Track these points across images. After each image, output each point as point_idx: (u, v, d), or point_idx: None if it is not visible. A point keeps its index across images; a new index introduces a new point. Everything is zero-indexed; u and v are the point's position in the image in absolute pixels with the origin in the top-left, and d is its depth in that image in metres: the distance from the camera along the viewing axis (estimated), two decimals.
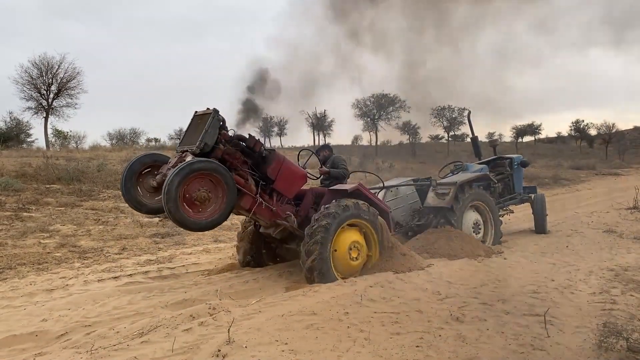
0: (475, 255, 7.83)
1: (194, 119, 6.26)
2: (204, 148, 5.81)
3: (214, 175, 5.51)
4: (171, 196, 5.17)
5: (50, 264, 7.70)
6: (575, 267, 7.25)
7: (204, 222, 5.51)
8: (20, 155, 19.29)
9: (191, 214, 5.40)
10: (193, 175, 5.36)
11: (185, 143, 6.10)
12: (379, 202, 7.15)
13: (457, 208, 8.66)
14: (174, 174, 5.23)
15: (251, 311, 5.19)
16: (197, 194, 5.44)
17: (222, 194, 5.61)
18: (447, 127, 59.70)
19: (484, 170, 10.08)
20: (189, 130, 6.26)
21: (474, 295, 5.74)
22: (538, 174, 26.10)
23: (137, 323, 4.94)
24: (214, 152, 5.95)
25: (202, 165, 5.43)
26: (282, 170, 6.57)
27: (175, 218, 5.28)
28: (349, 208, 6.54)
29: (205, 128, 5.82)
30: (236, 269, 7.51)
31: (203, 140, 5.77)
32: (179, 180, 5.23)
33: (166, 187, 5.18)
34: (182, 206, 5.31)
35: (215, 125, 5.92)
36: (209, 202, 5.55)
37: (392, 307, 5.32)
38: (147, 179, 6.29)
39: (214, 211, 5.57)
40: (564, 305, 5.38)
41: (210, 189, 5.55)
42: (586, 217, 12.74)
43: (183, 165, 5.30)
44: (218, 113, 5.96)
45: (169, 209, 5.19)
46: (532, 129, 72.29)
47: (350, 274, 6.59)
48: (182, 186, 5.28)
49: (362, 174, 17.85)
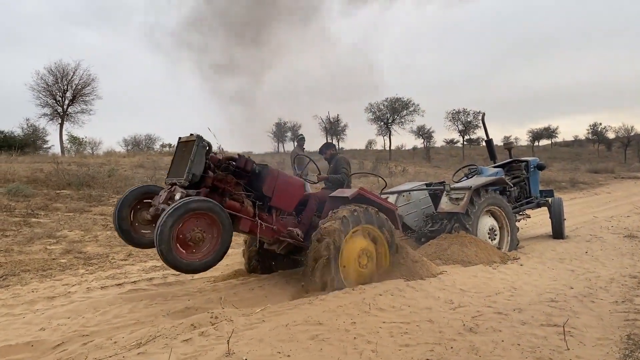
0: (490, 262, 7.56)
1: (179, 146, 6.06)
2: (193, 179, 5.62)
3: (209, 215, 5.25)
4: (164, 237, 4.90)
5: (55, 270, 7.58)
6: (595, 274, 6.94)
7: (197, 264, 5.21)
8: (33, 161, 19.36)
9: (184, 255, 5.11)
10: (188, 216, 5.11)
11: (173, 174, 5.91)
12: (383, 203, 6.88)
13: (472, 213, 8.37)
14: (168, 214, 4.96)
15: (255, 320, 4.98)
16: (191, 234, 5.15)
17: (217, 234, 5.32)
18: (462, 131, 59.12)
19: (500, 174, 9.79)
20: (175, 159, 6.05)
21: (488, 304, 5.47)
22: (555, 178, 25.62)
23: (136, 333, 4.76)
24: (204, 182, 5.77)
25: (197, 205, 5.15)
26: (277, 186, 6.31)
27: (168, 260, 4.98)
28: (356, 214, 6.33)
29: (191, 158, 5.61)
30: (242, 275, 7.32)
31: (190, 171, 5.58)
32: (173, 220, 4.96)
33: (159, 228, 4.91)
34: (176, 247, 5.03)
35: (201, 152, 5.70)
36: (203, 242, 5.26)
37: (401, 316, 5.08)
38: (141, 212, 6.13)
39: (208, 252, 5.26)
40: (584, 315, 5.09)
41: (205, 229, 5.27)
42: (606, 222, 12.36)
43: (178, 205, 5.04)
44: (202, 140, 5.72)
45: (161, 250, 4.91)
46: (548, 132, 71.52)
47: (360, 282, 6.37)
48: (176, 227, 5.02)
49: (373, 177, 17.58)
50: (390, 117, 54.25)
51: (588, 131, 69.31)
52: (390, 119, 54.29)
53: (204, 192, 5.76)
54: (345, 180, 7.40)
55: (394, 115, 54.08)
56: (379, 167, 26.00)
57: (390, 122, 54.26)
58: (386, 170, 26.72)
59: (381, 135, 57.07)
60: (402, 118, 54.37)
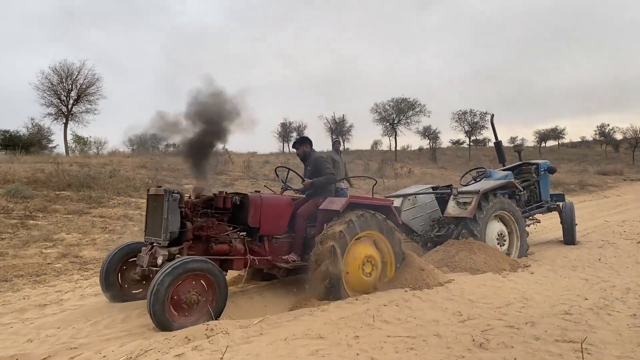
0: (499, 270, 7.27)
1: (149, 199, 5.83)
2: (171, 237, 5.42)
3: (207, 277, 5.04)
4: (159, 297, 4.68)
5: (49, 275, 7.35)
6: (610, 283, 6.64)
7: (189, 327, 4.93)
8: (35, 161, 19.18)
9: (176, 317, 4.89)
10: (186, 276, 4.90)
11: (151, 232, 5.70)
12: (375, 202, 6.58)
13: (480, 218, 8.08)
14: (166, 273, 4.75)
15: (252, 333, 4.72)
16: (187, 296, 4.93)
17: (212, 297, 5.10)
18: (468, 132, 58.61)
19: (509, 177, 9.48)
20: (149, 214, 5.83)
21: (498, 317, 5.18)
22: (563, 180, 25.22)
23: (126, 346, 4.50)
24: (184, 236, 5.57)
25: (197, 266, 4.96)
26: (263, 213, 6.06)
27: (160, 321, 4.75)
28: (363, 219, 6.07)
29: (165, 216, 5.40)
30: (243, 282, 7.07)
31: (167, 230, 5.38)
32: (170, 280, 4.75)
33: (155, 286, 4.69)
34: (169, 309, 4.81)
35: (174, 207, 5.48)
36: (198, 305, 5.03)
37: (407, 329, 4.80)
38: (128, 273, 5.98)
39: (201, 316, 5.02)
40: (601, 330, 4.79)
41: (201, 292, 5.05)
42: (617, 226, 12.04)
43: (176, 264, 4.84)
44: (172, 193, 5.49)
45: (154, 311, 4.69)
46: (555, 133, 70.89)
47: (364, 291, 6.12)
48: (173, 287, 4.80)
49: (375, 178, 17.31)
50: (395, 117, 53.84)
51: (595, 132, 68.74)
52: (395, 119, 53.88)
53: (187, 246, 5.58)
54: (335, 180, 6.86)
55: (399, 115, 53.66)
56: (385, 168, 25.67)
57: (396, 122, 53.85)
58: (392, 172, 26.41)
59: (387, 135, 56.65)
60: (408, 118, 53.93)
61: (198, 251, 5.70)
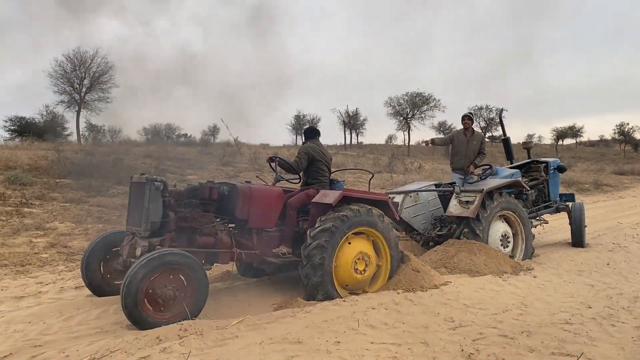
0: (500, 273, 6.92)
1: (132, 187, 5.59)
2: (153, 227, 5.15)
3: (186, 271, 4.77)
4: (131, 290, 4.42)
5: (33, 266, 7.14)
6: (617, 290, 6.26)
7: (163, 325, 4.63)
8: (41, 148, 19.13)
9: (150, 312, 4.62)
10: (163, 269, 4.64)
11: (132, 222, 5.44)
12: (372, 196, 6.24)
13: (483, 218, 7.71)
14: (141, 264, 4.50)
15: (228, 335, 4.43)
16: (162, 290, 4.65)
17: (190, 294, 4.82)
18: (483, 128, 57.74)
19: (516, 176, 9.07)
20: (131, 202, 5.58)
21: (493, 325, 4.85)
22: (578, 179, 24.58)
23: (94, 345, 4.25)
24: (166, 226, 5.30)
25: (175, 259, 4.69)
26: (252, 205, 5.77)
27: (132, 315, 4.50)
28: (358, 213, 5.75)
29: (146, 205, 5.12)
30: (231, 278, 6.81)
31: (148, 220, 5.12)
32: (144, 272, 4.49)
33: (128, 278, 4.44)
34: (142, 303, 4.54)
35: (156, 196, 5.21)
36: (174, 302, 4.74)
37: (393, 336, 4.50)
38: (111, 263, 5.75)
39: (177, 314, 4.74)
40: (602, 342, 4.43)
41: (179, 287, 4.77)
42: (630, 229, 11.57)
43: (152, 256, 4.58)
44: (154, 180, 5.22)
45: (126, 304, 4.43)
46: (573, 131, 69.71)
47: (355, 289, 5.83)
48: (147, 280, 4.54)
49: (384, 173, 16.98)
50: (410, 112, 53.22)
51: (614, 131, 67.41)
52: (410, 114, 53.26)
53: (169, 237, 5.31)
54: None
55: (414, 110, 53.05)
56: (395, 163, 25.24)
57: (410, 117, 53.24)
58: (402, 167, 26.00)
59: (401, 130, 56.06)
60: (422, 113, 53.31)
61: (181, 243, 5.44)
